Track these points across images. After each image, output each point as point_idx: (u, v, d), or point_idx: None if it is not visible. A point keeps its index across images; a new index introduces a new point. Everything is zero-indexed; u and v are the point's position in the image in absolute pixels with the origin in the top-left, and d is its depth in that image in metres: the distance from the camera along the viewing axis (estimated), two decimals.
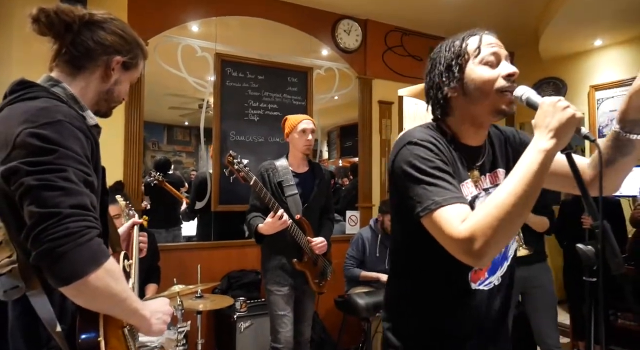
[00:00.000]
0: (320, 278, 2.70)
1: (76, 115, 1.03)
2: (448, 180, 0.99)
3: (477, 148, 1.15)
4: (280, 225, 2.39)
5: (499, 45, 1.08)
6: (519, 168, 0.91)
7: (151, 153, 9.01)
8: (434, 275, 1.11)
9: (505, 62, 1.07)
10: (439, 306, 1.12)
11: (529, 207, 0.91)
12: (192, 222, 4.23)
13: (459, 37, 1.11)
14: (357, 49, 4.08)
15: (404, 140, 1.06)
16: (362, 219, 4.06)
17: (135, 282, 1.38)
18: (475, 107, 1.08)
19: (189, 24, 3.45)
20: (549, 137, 0.89)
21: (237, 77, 3.57)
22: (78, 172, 0.94)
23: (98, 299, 0.94)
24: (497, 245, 0.90)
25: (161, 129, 9.22)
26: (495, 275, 1.14)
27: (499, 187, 0.94)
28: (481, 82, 1.05)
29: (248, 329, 3.04)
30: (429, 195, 0.97)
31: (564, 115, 0.89)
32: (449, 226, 0.93)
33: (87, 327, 1.01)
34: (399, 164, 1.05)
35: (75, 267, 0.88)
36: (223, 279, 3.38)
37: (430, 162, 1.01)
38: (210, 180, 3.52)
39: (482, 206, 0.92)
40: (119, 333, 1.11)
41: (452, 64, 1.08)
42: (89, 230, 0.91)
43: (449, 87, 1.09)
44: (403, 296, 1.19)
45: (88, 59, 1.12)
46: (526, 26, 4.29)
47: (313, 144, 2.66)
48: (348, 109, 4.25)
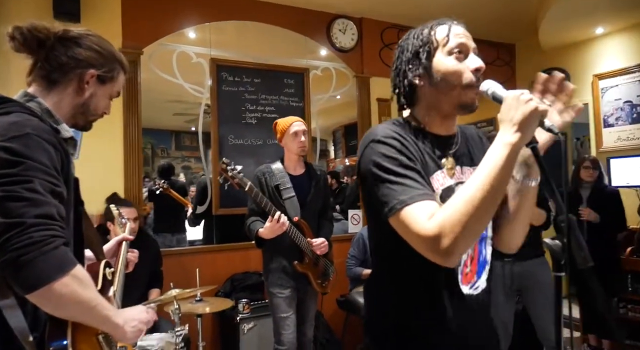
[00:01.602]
0: (323, 278, 2.71)
1: (47, 129, 1.05)
2: (413, 178, 0.97)
3: (448, 137, 1.13)
4: (280, 228, 2.40)
5: (467, 36, 1.07)
6: (485, 163, 0.90)
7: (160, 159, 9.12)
8: (418, 278, 1.06)
9: (473, 55, 1.05)
10: (428, 312, 1.07)
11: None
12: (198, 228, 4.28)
13: (428, 26, 1.09)
14: (353, 47, 4.07)
15: (368, 139, 1.05)
16: (365, 218, 4.05)
17: (119, 290, 1.40)
18: (441, 98, 1.07)
19: (183, 31, 3.48)
20: (514, 131, 0.89)
21: (233, 81, 3.59)
22: (45, 183, 0.97)
23: (65, 306, 0.96)
24: (466, 241, 0.89)
25: (169, 135, 9.33)
26: (482, 278, 1.12)
27: (465, 183, 0.93)
28: (448, 73, 1.04)
29: (251, 331, 3.06)
30: (394, 194, 0.95)
31: (527, 108, 0.88)
32: (416, 224, 0.92)
33: (56, 335, 1.03)
34: (364, 164, 1.03)
35: (39, 274, 0.90)
36: (226, 281, 3.41)
37: (394, 160, 0.99)
38: (210, 184, 3.55)
39: (449, 202, 0.91)
40: (93, 340, 1.13)
41: (420, 51, 1.06)
42: (54, 239, 0.93)
43: (414, 75, 1.07)
44: (385, 302, 1.14)
45: (61, 73, 1.15)
46: (525, 17, 4.23)
47: (307, 144, 2.66)
48: (352, 107, 4.24)
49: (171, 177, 4.50)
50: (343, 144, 8.26)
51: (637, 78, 4.16)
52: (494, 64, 4.81)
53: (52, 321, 1.01)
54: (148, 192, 4.33)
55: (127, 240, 1.58)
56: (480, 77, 1.04)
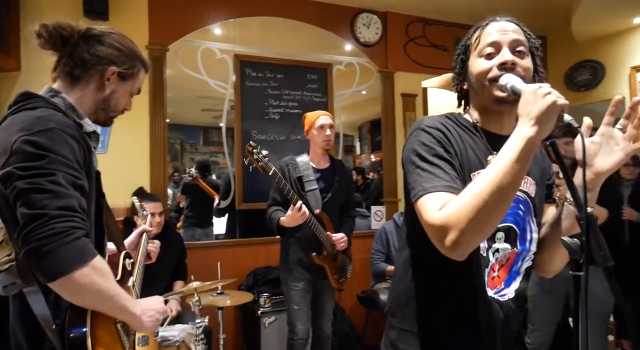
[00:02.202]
0: (340, 274, 2.71)
1: (70, 123, 1.09)
2: (443, 168, 0.97)
3: (501, 136, 1.10)
4: (300, 217, 2.42)
5: (502, 31, 1.05)
6: (500, 157, 0.88)
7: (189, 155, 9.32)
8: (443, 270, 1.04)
9: (506, 48, 1.03)
10: (452, 307, 1.06)
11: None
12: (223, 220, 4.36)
13: (474, 27, 1.12)
14: (377, 42, 4.02)
15: (415, 127, 1.08)
16: (388, 214, 4.02)
17: (138, 281, 1.44)
18: (480, 98, 1.09)
19: (208, 28, 3.53)
20: (530, 125, 0.86)
21: (256, 77, 3.62)
22: (67, 176, 1.00)
23: (84, 294, 1.00)
24: (473, 235, 0.87)
25: (198, 131, 9.51)
26: (510, 288, 1.10)
27: (477, 176, 0.92)
28: (477, 74, 1.06)
29: (272, 324, 3.09)
30: (421, 181, 0.97)
31: (544, 102, 0.85)
32: (427, 213, 0.93)
33: (76, 323, 1.06)
34: (405, 149, 1.07)
35: (60, 264, 0.94)
36: (249, 275, 3.46)
37: (431, 149, 1.00)
38: (233, 179, 3.59)
39: (460, 195, 0.90)
40: (111, 328, 1.17)
41: (460, 58, 1.13)
42: (75, 230, 0.97)
43: (459, 80, 1.15)
44: (412, 293, 1.13)
45: (84, 70, 1.19)
46: (557, 8, 4.07)
47: (332, 139, 2.68)
48: (377, 103, 4.20)
49: (207, 174, 4.59)
50: (369, 140, 8.20)
51: None
52: None
53: (72, 309, 1.05)
54: (183, 185, 4.46)
55: (147, 232, 1.62)
56: (507, 70, 1.01)
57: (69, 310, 1.06)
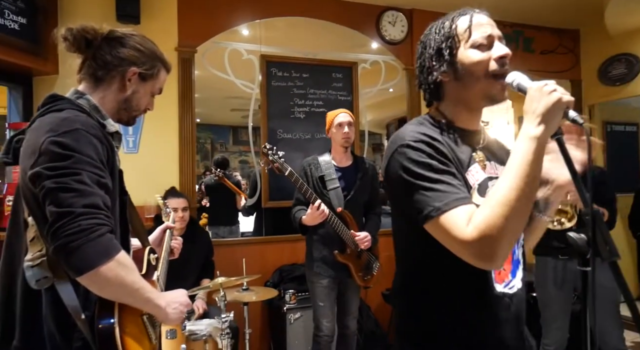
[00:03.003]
0: (365, 272, 2.72)
1: (94, 124, 1.15)
2: (446, 182, 0.94)
3: (475, 131, 1.12)
4: (320, 216, 2.45)
5: (491, 24, 1.04)
6: (514, 160, 0.88)
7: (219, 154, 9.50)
8: (449, 278, 1.04)
9: (499, 43, 1.02)
10: (459, 311, 1.04)
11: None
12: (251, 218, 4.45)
13: (449, 18, 1.08)
14: (403, 40, 4.00)
15: (395, 144, 1.01)
16: None
17: (162, 275, 1.50)
18: (467, 92, 1.05)
19: (235, 29, 3.60)
20: (537, 123, 0.87)
21: (282, 76, 3.67)
22: (92, 175, 1.06)
23: (110, 288, 1.05)
24: (509, 243, 0.88)
25: (227, 130, 9.68)
26: (516, 278, 1.09)
27: (497, 182, 0.91)
28: (471, 65, 1.01)
29: (298, 321, 3.13)
30: (428, 201, 0.93)
31: (549, 99, 0.86)
32: (456, 231, 0.89)
33: (104, 314, 1.12)
34: (393, 170, 1.00)
35: (86, 259, 0.99)
36: (275, 272, 3.51)
37: (426, 165, 0.95)
38: (259, 177, 3.66)
39: (486, 204, 0.89)
40: (138, 320, 1.22)
41: (442, 47, 1.05)
42: (100, 227, 1.02)
43: (439, 72, 1.05)
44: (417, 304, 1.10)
45: (106, 71, 1.24)
46: (589, 1, 3.93)
47: (352, 136, 2.70)
48: (404, 100, 4.18)
49: (225, 171, 4.68)
50: None
51: None
52: (557, 51, 4.53)
53: (101, 301, 1.11)
54: (204, 185, 4.56)
55: (171, 228, 1.67)
56: (506, 65, 1.00)
57: (97, 303, 1.12)
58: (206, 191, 4.48)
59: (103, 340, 1.08)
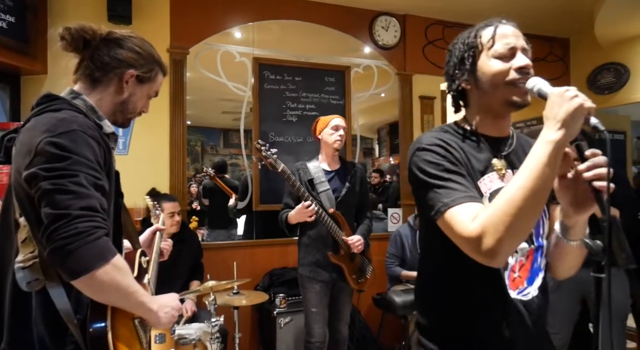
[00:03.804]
0: (359, 274, 2.71)
1: (91, 125, 1.12)
2: (456, 181, 0.99)
3: (500, 138, 1.14)
4: (308, 213, 2.44)
5: (515, 36, 1.07)
6: (529, 161, 0.89)
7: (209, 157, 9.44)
8: (464, 277, 1.07)
9: (521, 54, 1.05)
10: (473, 311, 1.07)
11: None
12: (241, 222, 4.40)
13: (475, 29, 1.11)
14: (396, 45, 4.02)
15: (414, 148, 1.09)
16: (405, 217, 4.00)
17: (153, 278, 1.47)
18: (489, 99, 1.09)
19: (227, 31, 3.58)
20: (557, 128, 0.87)
21: (274, 79, 3.66)
22: (89, 177, 1.04)
23: (104, 291, 1.03)
24: (510, 241, 0.89)
25: (218, 133, 9.63)
26: (533, 286, 1.10)
27: (508, 183, 0.92)
28: (492, 74, 1.06)
29: (288, 325, 3.11)
30: (439, 197, 0.99)
31: (571, 104, 0.86)
32: (459, 225, 0.94)
33: (96, 318, 1.10)
34: (411, 171, 1.08)
35: (82, 262, 0.97)
36: (265, 276, 3.49)
37: (438, 165, 1.02)
38: (250, 180, 3.64)
39: (493, 202, 0.91)
40: (129, 324, 1.20)
41: (465, 57, 1.10)
42: (96, 230, 1.00)
43: (461, 80, 1.11)
44: (433, 294, 1.15)
45: (103, 73, 1.22)
46: (580, 9, 4.00)
47: (344, 141, 2.69)
48: (396, 105, 4.20)
49: (223, 175, 4.64)
50: (388, 142, 8.17)
51: None
52: (547, 60, 4.59)
53: (93, 305, 1.09)
54: (202, 188, 4.52)
55: (161, 231, 1.65)
56: (528, 74, 1.02)
57: (89, 306, 1.10)
58: (204, 194, 4.44)
59: (95, 344, 1.06)
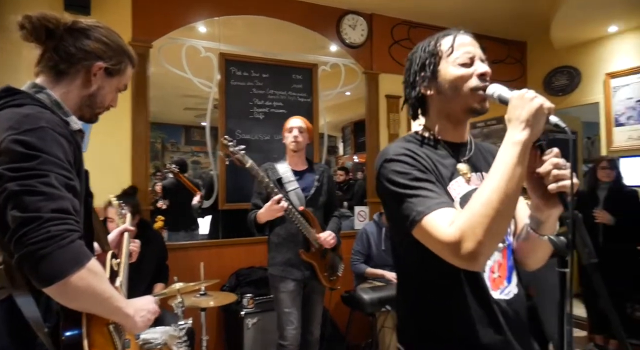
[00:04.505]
0: (331, 272, 2.70)
1: (59, 122, 1.05)
2: (428, 188, 0.99)
3: (461, 144, 1.16)
4: (278, 210, 2.41)
5: (473, 44, 1.11)
6: (498, 163, 0.91)
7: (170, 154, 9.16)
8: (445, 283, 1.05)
9: (479, 62, 1.08)
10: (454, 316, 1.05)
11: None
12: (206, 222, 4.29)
13: (434, 38, 1.14)
14: (363, 43, 4.05)
15: (381, 159, 1.08)
16: (371, 214, 4.04)
17: (124, 281, 1.41)
18: (449, 105, 1.11)
19: (192, 25, 3.49)
20: (521, 128, 0.90)
21: (241, 76, 3.59)
22: (60, 177, 0.97)
23: (80, 298, 0.97)
24: (489, 244, 0.89)
25: (179, 130, 9.37)
26: (512, 284, 1.11)
27: (480, 186, 0.93)
28: (454, 79, 1.08)
29: (255, 325, 3.07)
30: (412, 207, 0.98)
31: (532, 105, 0.89)
32: (437, 231, 0.93)
33: (70, 325, 1.04)
34: (380, 183, 1.07)
35: (56, 268, 0.91)
36: (232, 276, 3.43)
37: (407, 174, 1.01)
38: (216, 179, 3.56)
39: (467, 206, 0.92)
40: (104, 330, 1.15)
41: (426, 63, 1.12)
42: (70, 233, 0.94)
43: (422, 86, 1.13)
44: (414, 302, 1.13)
45: (69, 65, 1.14)
46: (537, 14, 4.17)
47: (302, 141, 2.68)
48: (361, 104, 4.22)
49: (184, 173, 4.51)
50: (352, 141, 8.23)
51: None
52: (505, 62, 4.76)
53: (66, 312, 1.03)
54: (163, 187, 4.36)
55: (129, 231, 1.58)
56: (487, 82, 1.06)
57: (62, 313, 1.04)
58: (164, 194, 4.28)
59: None
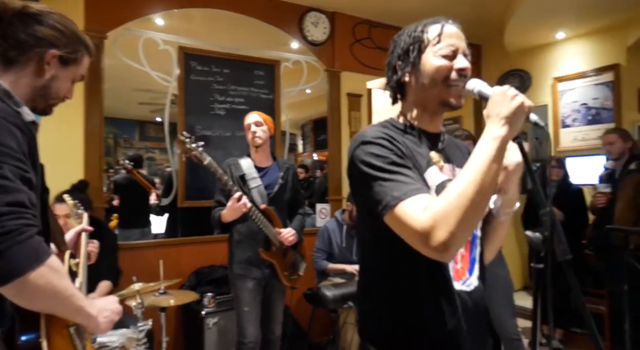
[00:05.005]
0: (291, 271, 2.69)
1: (11, 111, 0.99)
2: (405, 174, 0.97)
3: (436, 134, 1.16)
4: (241, 208, 2.37)
5: (459, 37, 1.09)
6: (476, 157, 0.91)
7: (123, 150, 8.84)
8: (411, 272, 1.04)
9: (461, 56, 1.07)
10: (419, 306, 1.04)
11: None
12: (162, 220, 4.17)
13: (422, 23, 1.12)
14: (325, 41, 4.05)
15: (357, 141, 1.05)
16: (333, 212, 4.06)
17: (84, 282, 1.35)
18: (426, 95, 1.10)
19: (150, 17, 3.37)
20: (501, 125, 0.91)
21: (201, 70, 3.51)
22: (14, 169, 0.92)
23: (40, 297, 0.92)
24: (461, 235, 0.88)
25: (133, 125, 9.06)
26: (473, 276, 1.12)
27: (457, 177, 0.93)
28: (433, 71, 1.06)
29: (217, 325, 3.01)
30: (387, 191, 0.95)
31: (513, 103, 0.91)
32: (410, 218, 0.91)
33: (27, 328, 0.99)
34: (355, 164, 1.03)
35: (14, 265, 0.86)
36: (191, 275, 3.35)
37: (385, 158, 0.99)
38: (175, 176, 3.46)
39: (442, 196, 0.91)
40: (64, 332, 1.09)
41: (410, 49, 1.10)
42: (28, 228, 0.89)
43: (403, 71, 1.11)
44: (377, 296, 1.11)
45: (20, 52, 1.08)
46: (493, 19, 4.34)
47: (262, 135, 2.64)
48: (321, 101, 4.23)
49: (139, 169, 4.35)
50: (312, 138, 8.27)
51: (592, 82, 4.35)
52: None
53: (22, 314, 0.97)
54: (114, 183, 4.18)
55: (86, 231, 1.52)
56: (466, 77, 1.06)
57: (18, 316, 0.98)
58: (115, 190, 4.10)
59: None
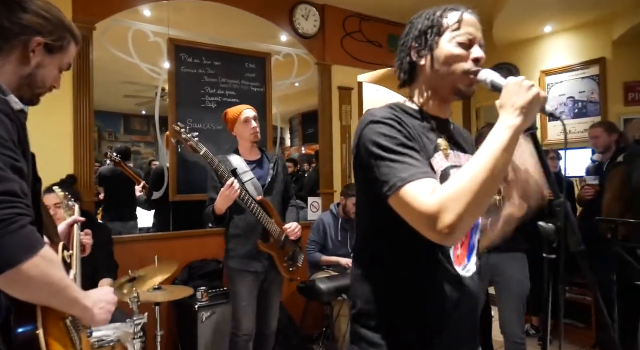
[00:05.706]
0: (290, 263, 2.68)
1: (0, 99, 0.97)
2: (413, 157, 0.97)
3: (444, 120, 1.16)
4: (233, 194, 2.35)
5: (477, 27, 1.09)
6: (489, 145, 0.91)
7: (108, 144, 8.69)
8: (412, 258, 1.04)
9: (478, 46, 1.08)
10: (421, 291, 1.04)
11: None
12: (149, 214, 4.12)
13: (441, 8, 1.11)
14: (315, 34, 4.04)
15: (367, 120, 1.04)
16: (324, 206, 4.07)
17: (78, 275, 1.33)
18: (439, 81, 1.09)
19: (139, 8, 3.32)
20: (516, 115, 0.91)
21: (192, 63, 3.47)
22: (5, 158, 0.90)
23: (34, 288, 0.91)
24: (468, 220, 0.88)
25: (118, 118, 8.89)
26: (471, 262, 1.12)
27: (468, 162, 0.93)
28: (449, 58, 1.05)
29: (210, 319, 3.01)
30: (395, 172, 0.94)
31: (530, 93, 0.91)
32: (417, 200, 0.90)
33: (23, 321, 0.97)
34: (363, 144, 1.02)
35: (7, 255, 0.84)
36: (184, 269, 3.33)
37: (394, 138, 0.98)
38: (167, 170, 3.43)
39: (452, 180, 0.90)
40: (60, 325, 1.08)
41: (427, 32, 1.09)
42: (21, 217, 0.87)
43: (419, 53, 1.10)
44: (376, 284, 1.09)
45: (4, 40, 1.06)
46: (482, 13, 4.23)
47: (259, 130, 2.65)
48: (310, 95, 4.22)
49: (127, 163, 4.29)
50: (300, 132, 8.23)
51: (579, 75, 4.42)
52: None
53: (18, 307, 0.95)
54: (99, 175, 4.11)
55: (79, 223, 1.50)
56: (480, 67, 1.06)
57: (13, 308, 0.96)
58: (100, 182, 4.02)
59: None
